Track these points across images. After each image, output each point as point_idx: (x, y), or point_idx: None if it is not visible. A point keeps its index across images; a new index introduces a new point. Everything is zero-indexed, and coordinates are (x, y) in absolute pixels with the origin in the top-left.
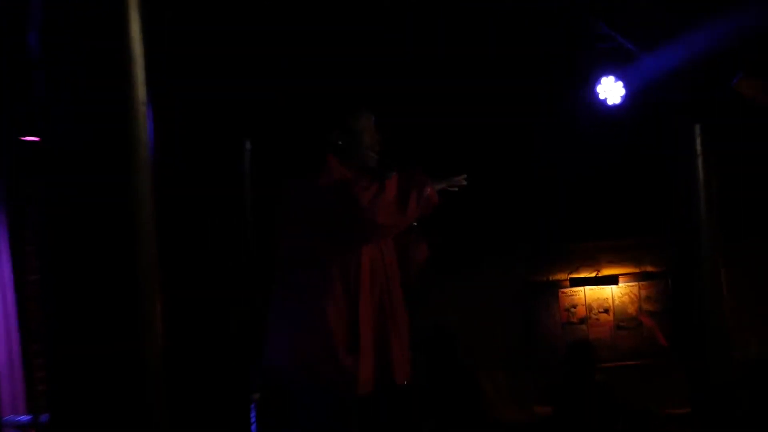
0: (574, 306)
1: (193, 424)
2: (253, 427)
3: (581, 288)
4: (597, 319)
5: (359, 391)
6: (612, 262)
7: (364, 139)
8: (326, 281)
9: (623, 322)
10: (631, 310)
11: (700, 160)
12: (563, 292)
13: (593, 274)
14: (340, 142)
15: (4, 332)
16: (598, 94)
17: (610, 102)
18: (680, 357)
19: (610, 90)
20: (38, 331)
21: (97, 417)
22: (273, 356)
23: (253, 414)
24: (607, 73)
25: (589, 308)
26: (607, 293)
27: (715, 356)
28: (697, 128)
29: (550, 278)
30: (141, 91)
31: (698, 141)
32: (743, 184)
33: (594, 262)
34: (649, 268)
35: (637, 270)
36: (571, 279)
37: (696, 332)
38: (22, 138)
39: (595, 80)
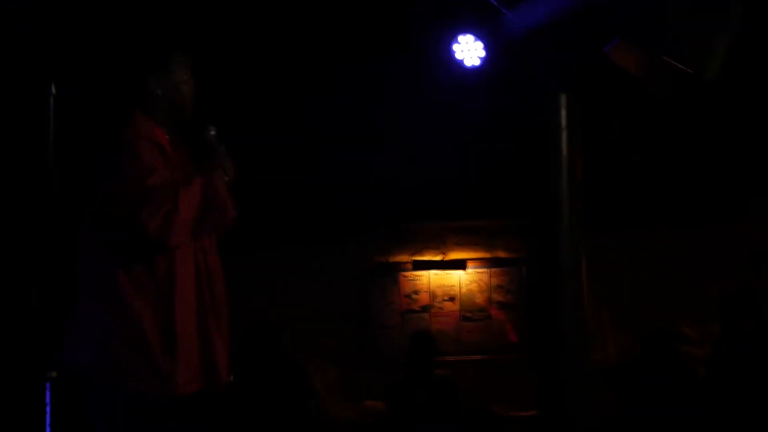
0: (416, 292)
1: None
2: (48, 408)
3: (425, 272)
4: (441, 308)
5: (179, 391)
6: (460, 246)
7: (182, 89)
8: (133, 275)
9: (470, 312)
10: (480, 299)
11: (564, 135)
12: (404, 276)
13: (439, 258)
14: (157, 91)
15: None
16: (454, 53)
17: (467, 63)
18: (531, 355)
19: (469, 50)
20: None
21: None
22: (74, 351)
23: (48, 394)
24: (465, 31)
25: (432, 295)
26: (453, 280)
27: (571, 357)
28: (563, 98)
29: (390, 260)
30: None
31: (563, 113)
32: (614, 166)
33: (441, 245)
34: (501, 254)
35: (488, 255)
36: (414, 261)
37: (551, 329)
38: None
39: (452, 38)
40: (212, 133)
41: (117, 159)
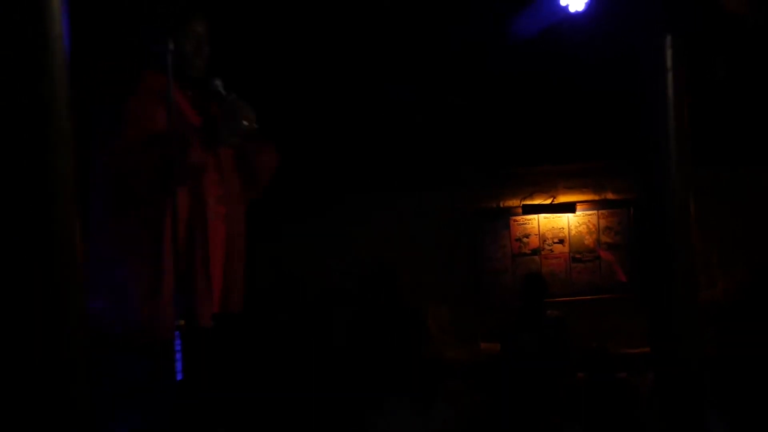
0: (527, 236)
1: None
2: (179, 356)
3: (535, 216)
4: (551, 251)
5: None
6: (569, 188)
7: (201, 47)
8: (130, 223)
9: (579, 254)
10: (589, 241)
11: (670, 76)
12: (515, 221)
13: (548, 201)
14: (174, 46)
15: None
16: (558, 1)
17: (572, 9)
18: (640, 294)
19: None
20: None
21: None
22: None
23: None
24: None
25: (542, 238)
26: (563, 222)
27: (681, 296)
28: (668, 39)
29: (501, 205)
30: None
31: (669, 54)
32: (719, 106)
33: (550, 188)
34: (610, 196)
35: (596, 197)
36: (524, 206)
37: (660, 269)
38: None
39: None
40: (217, 83)
41: (127, 113)
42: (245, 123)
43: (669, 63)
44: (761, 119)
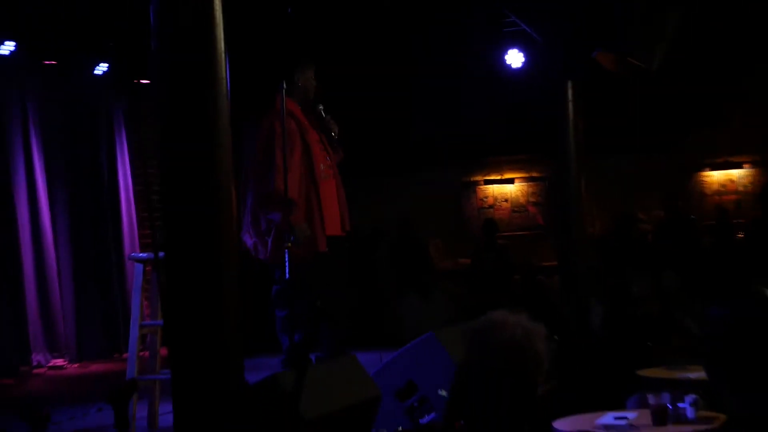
0: (486, 197)
1: None
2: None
3: (491, 186)
4: (500, 206)
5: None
6: (511, 170)
7: (309, 81)
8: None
9: (517, 208)
10: (522, 201)
11: (570, 105)
12: (479, 188)
13: (498, 177)
14: (298, 82)
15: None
16: (504, 63)
17: (514, 66)
18: (552, 232)
19: (514, 59)
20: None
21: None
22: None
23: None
24: (512, 47)
25: (494, 199)
26: (507, 189)
27: (575, 231)
28: (569, 84)
29: (472, 179)
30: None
31: (569, 92)
32: (599, 122)
33: (500, 169)
34: (535, 174)
35: (527, 175)
36: (485, 180)
37: (563, 217)
38: None
39: (503, 52)
40: (320, 107)
41: (264, 130)
42: (335, 130)
43: (569, 96)
44: (626, 126)
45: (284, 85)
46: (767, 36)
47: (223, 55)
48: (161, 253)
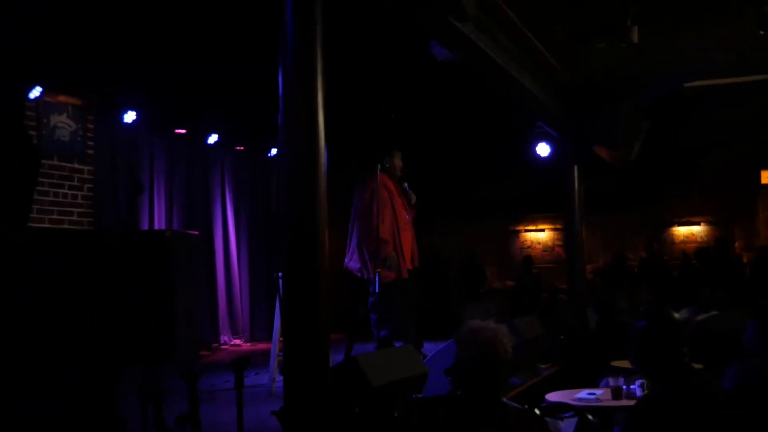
0: (525, 240)
1: None
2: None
3: (529, 233)
4: (535, 247)
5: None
6: (543, 222)
7: (397, 163)
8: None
9: (546, 249)
10: (550, 244)
11: (576, 181)
12: (521, 234)
13: (534, 227)
14: (386, 164)
15: None
16: (536, 151)
17: (542, 155)
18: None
19: (543, 149)
20: None
21: None
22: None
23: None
24: (541, 141)
25: (531, 242)
26: (540, 236)
27: (578, 262)
28: (576, 167)
29: (516, 228)
30: None
31: (576, 172)
32: (594, 187)
33: (534, 222)
34: (559, 226)
35: (553, 226)
36: (525, 229)
37: (570, 255)
38: None
39: (535, 144)
40: (405, 184)
41: (366, 193)
42: (413, 199)
43: (575, 174)
44: (612, 195)
45: (379, 166)
46: (712, 136)
47: (323, 159)
48: (279, 274)
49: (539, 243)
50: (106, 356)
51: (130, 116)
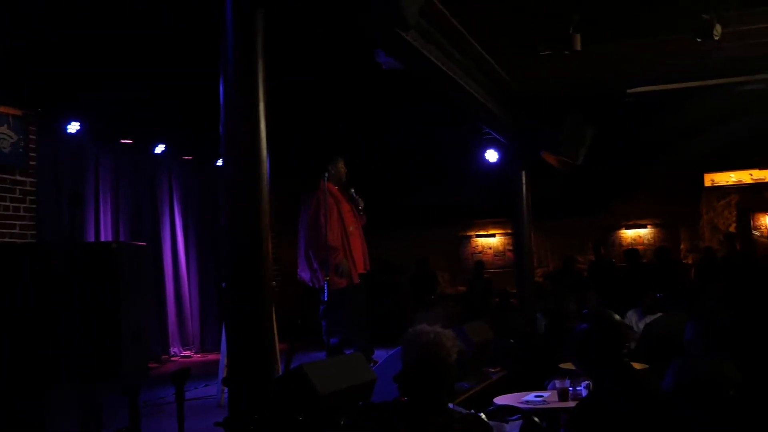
0: (476, 246)
1: None
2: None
3: (480, 238)
4: (486, 252)
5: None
6: (493, 227)
7: (341, 168)
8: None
9: (497, 254)
10: (501, 248)
11: (524, 186)
12: (472, 240)
13: (483, 232)
14: (332, 171)
15: None
16: (485, 157)
17: (491, 160)
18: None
19: (491, 155)
20: None
21: None
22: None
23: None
24: (490, 148)
25: (482, 247)
26: (491, 241)
27: (526, 270)
28: (523, 172)
29: (467, 233)
30: None
31: (524, 177)
32: (543, 193)
33: (485, 227)
34: (509, 230)
35: (504, 231)
36: (476, 234)
37: (518, 260)
38: None
39: (484, 150)
40: (352, 190)
41: (313, 202)
42: (361, 205)
43: (523, 179)
44: (560, 200)
45: (326, 175)
46: (656, 141)
47: (266, 167)
48: (224, 284)
49: (490, 248)
50: (40, 374)
51: (73, 126)
